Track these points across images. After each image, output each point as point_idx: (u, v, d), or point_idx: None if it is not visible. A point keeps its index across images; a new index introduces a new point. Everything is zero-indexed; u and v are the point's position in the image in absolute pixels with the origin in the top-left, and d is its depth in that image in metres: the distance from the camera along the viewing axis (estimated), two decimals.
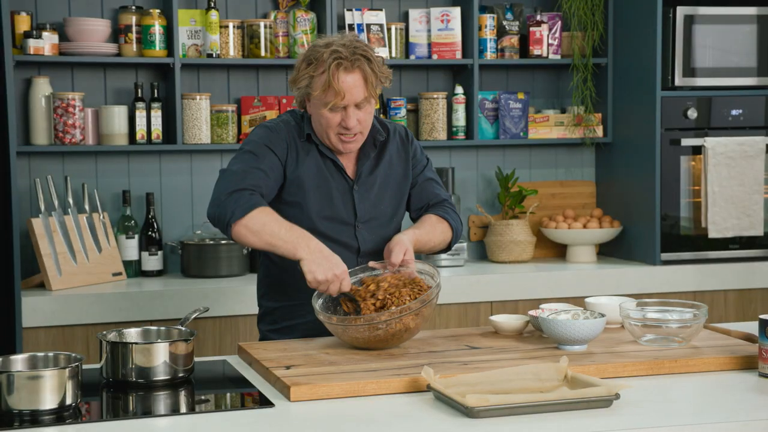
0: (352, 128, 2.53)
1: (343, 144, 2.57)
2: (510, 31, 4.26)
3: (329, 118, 2.53)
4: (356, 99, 2.50)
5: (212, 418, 1.96)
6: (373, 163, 2.67)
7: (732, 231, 4.11)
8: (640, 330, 2.39)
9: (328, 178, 2.62)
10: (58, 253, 3.68)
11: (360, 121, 2.54)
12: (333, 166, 2.63)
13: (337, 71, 2.46)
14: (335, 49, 2.48)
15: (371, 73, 2.50)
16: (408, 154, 2.73)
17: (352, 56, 2.48)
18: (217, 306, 3.60)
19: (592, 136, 4.35)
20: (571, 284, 3.98)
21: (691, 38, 4.08)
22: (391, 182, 2.69)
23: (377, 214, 2.66)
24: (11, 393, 1.91)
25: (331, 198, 2.61)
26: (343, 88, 2.47)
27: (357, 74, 2.49)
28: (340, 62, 2.46)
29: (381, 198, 2.67)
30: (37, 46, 3.74)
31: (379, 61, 2.54)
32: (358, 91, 2.50)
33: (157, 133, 3.92)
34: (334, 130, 2.54)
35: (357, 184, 2.64)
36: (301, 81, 2.53)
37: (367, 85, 2.50)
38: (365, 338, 2.33)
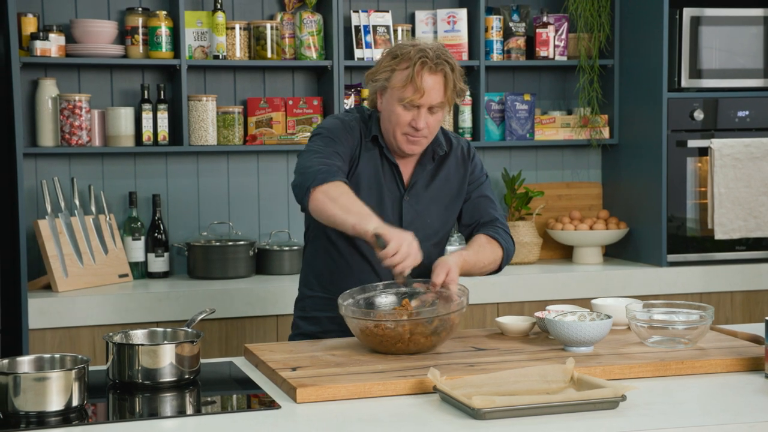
0: (421, 130, 2.53)
1: (408, 145, 2.57)
2: (516, 33, 4.26)
3: (400, 115, 2.53)
4: (433, 101, 2.51)
5: (218, 420, 1.96)
6: (429, 175, 2.67)
7: (738, 232, 4.10)
8: (646, 331, 2.39)
9: (382, 183, 2.62)
10: (64, 255, 3.69)
11: (429, 125, 2.55)
12: (391, 170, 2.63)
13: (421, 69, 2.49)
14: (422, 48, 2.52)
15: (452, 81, 2.52)
16: (467, 170, 2.72)
17: (437, 59, 2.50)
18: (224, 307, 3.60)
19: (599, 137, 4.34)
20: (578, 286, 3.98)
21: (697, 40, 4.08)
22: (443, 197, 2.69)
23: (421, 226, 2.63)
24: (18, 394, 1.91)
25: (381, 203, 2.61)
26: (424, 86, 2.49)
27: (439, 77, 2.51)
28: (425, 61, 2.49)
29: (428, 211, 2.66)
30: (44, 47, 3.75)
31: (460, 73, 2.56)
32: (436, 94, 2.51)
33: (164, 135, 3.92)
34: (402, 128, 2.55)
35: (408, 194, 2.64)
36: (381, 73, 2.54)
37: (446, 90, 2.52)
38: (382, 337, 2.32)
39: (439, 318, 2.31)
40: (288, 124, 4.09)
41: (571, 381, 2.07)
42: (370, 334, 2.33)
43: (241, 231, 4.12)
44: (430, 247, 2.64)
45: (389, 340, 2.31)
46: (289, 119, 4.08)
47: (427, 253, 2.57)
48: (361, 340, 2.38)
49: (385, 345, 2.32)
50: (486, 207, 2.73)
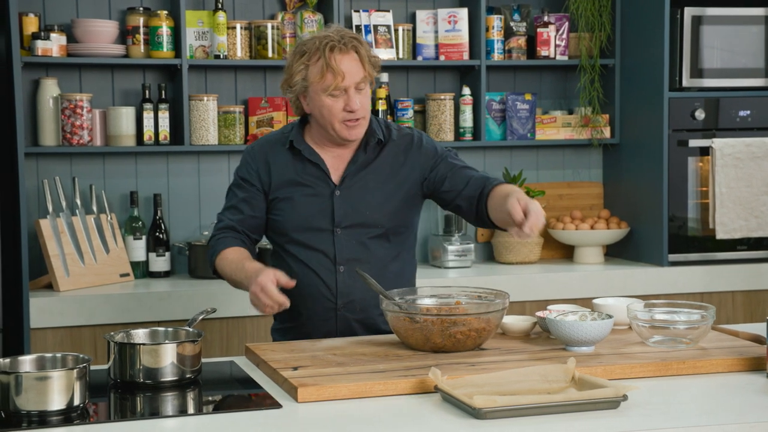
0: (357, 110, 2.52)
1: (349, 131, 2.55)
2: (517, 32, 4.26)
3: (331, 105, 2.52)
4: (356, 79, 2.51)
5: (219, 419, 1.96)
6: (362, 165, 2.62)
7: (740, 232, 4.10)
8: (647, 331, 2.39)
9: (306, 186, 2.61)
10: (65, 254, 3.69)
11: (362, 104, 2.54)
12: (316, 170, 2.61)
13: (332, 53, 2.49)
14: (325, 35, 2.53)
15: (365, 55, 2.53)
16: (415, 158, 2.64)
17: (342, 39, 2.51)
18: (225, 307, 3.60)
19: (600, 137, 4.34)
20: (579, 285, 3.98)
21: (698, 39, 4.08)
22: (380, 185, 2.62)
23: (358, 219, 2.60)
24: (19, 394, 1.91)
25: (306, 206, 2.60)
26: (341, 68, 2.49)
27: (352, 54, 2.52)
28: (332, 45, 2.50)
29: (365, 202, 2.60)
30: (45, 47, 3.75)
31: (368, 47, 2.57)
32: (356, 71, 2.51)
33: (165, 134, 3.92)
34: (338, 117, 2.53)
35: (339, 189, 2.61)
36: (295, 75, 2.54)
37: (363, 65, 2.52)
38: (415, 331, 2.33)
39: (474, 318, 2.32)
40: (289, 123, 4.08)
41: (573, 381, 2.07)
42: (402, 327, 2.34)
43: None
44: (371, 240, 2.60)
45: (419, 336, 2.32)
46: (290, 119, 4.08)
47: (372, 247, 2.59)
48: (399, 336, 2.39)
49: (417, 339, 2.33)
50: (465, 171, 2.62)
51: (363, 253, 2.60)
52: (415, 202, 2.68)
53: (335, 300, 2.62)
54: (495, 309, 2.36)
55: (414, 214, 2.70)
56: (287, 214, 2.62)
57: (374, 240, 2.61)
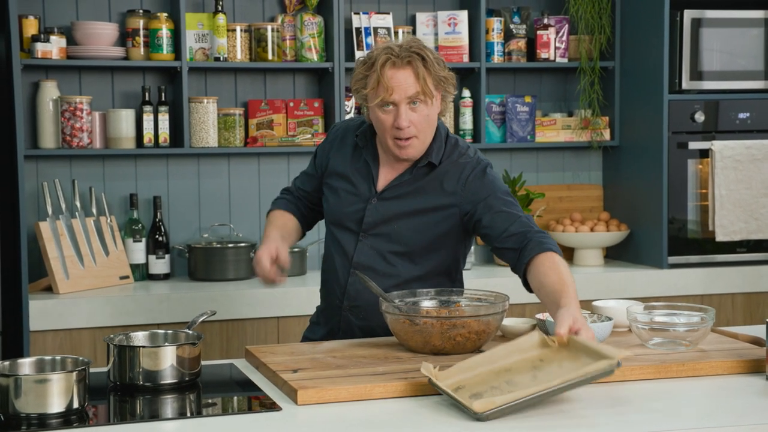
0: (404, 128, 2.46)
1: (399, 150, 2.50)
2: (517, 35, 4.26)
3: (383, 119, 2.48)
4: (406, 94, 2.44)
5: (219, 422, 1.96)
6: (405, 182, 2.57)
7: (739, 234, 4.10)
8: (647, 333, 2.39)
9: (354, 183, 2.62)
10: (65, 257, 3.69)
11: (413, 122, 2.46)
12: (368, 172, 2.61)
13: (385, 66, 2.43)
14: (388, 46, 2.47)
15: (424, 71, 2.44)
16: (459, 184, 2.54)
17: (403, 53, 2.44)
18: (224, 309, 3.60)
19: (600, 139, 4.34)
20: (579, 287, 3.89)
21: (698, 42, 4.08)
22: (413, 208, 2.56)
23: (385, 231, 2.57)
24: (18, 396, 1.91)
25: (344, 203, 2.62)
26: (390, 83, 2.43)
27: (407, 70, 2.44)
28: (389, 57, 2.44)
29: (396, 218, 2.56)
30: (45, 49, 3.75)
31: (437, 61, 2.48)
32: (407, 86, 2.44)
33: (165, 137, 3.92)
34: (389, 132, 2.48)
35: (378, 198, 2.58)
36: (357, 83, 2.51)
37: (419, 80, 2.44)
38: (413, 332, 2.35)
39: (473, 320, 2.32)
40: (289, 125, 4.09)
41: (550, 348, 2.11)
42: (401, 330, 2.35)
43: (241, 233, 4.12)
44: (393, 255, 2.57)
45: (419, 338, 2.32)
46: (289, 121, 4.09)
47: (393, 262, 2.56)
48: (398, 338, 2.40)
49: (416, 342, 2.33)
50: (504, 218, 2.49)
51: (381, 265, 2.57)
52: (453, 232, 2.57)
53: (342, 300, 2.63)
54: (495, 311, 2.36)
55: (451, 242, 2.59)
56: (329, 204, 2.67)
57: (397, 256, 2.58)
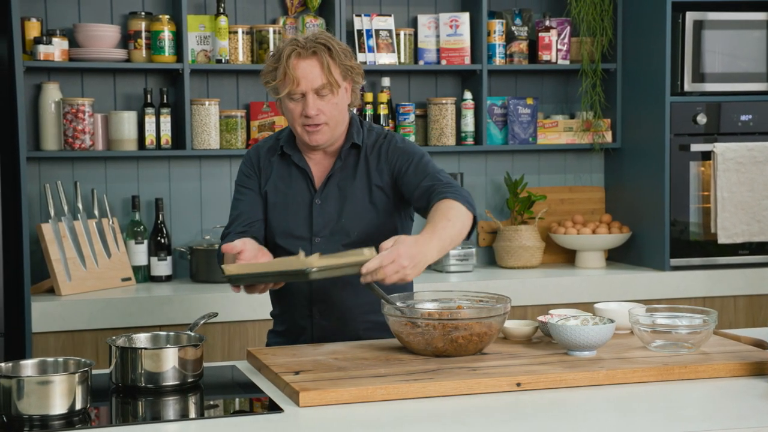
0: (313, 117, 2.49)
1: (309, 135, 2.53)
2: (519, 37, 4.26)
3: (292, 109, 2.52)
4: (312, 85, 2.48)
5: (221, 424, 1.96)
6: (340, 172, 2.61)
7: (741, 237, 4.10)
8: (649, 336, 2.39)
9: (291, 192, 2.62)
10: (67, 259, 3.69)
11: (322, 110, 2.50)
12: (302, 176, 2.62)
13: (290, 58, 2.47)
14: (294, 38, 2.52)
15: (330, 61, 2.48)
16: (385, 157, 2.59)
17: (308, 44, 2.48)
18: (226, 311, 3.60)
19: (601, 141, 4.34)
20: (580, 290, 3.98)
21: (700, 44, 4.08)
22: (359, 194, 2.58)
23: (338, 230, 2.58)
24: (21, 398, 1.92)
25: (288, 213, 2.61)
26: (296, 73, 2.46)
27: (313, 60, 2.48)
28: (295, 49, 2.48)
29: (344, 212, 2.58)
30: (47, 52, 3.76)
31: (343, 52, 2.51)
32: (313, 77, 2.47)
33: (167, 139, 3.93)
34: (298, 121, 2.52)
35: (319, 197, 2.60)
36: (267, 75, 2.54)
37: (323, 70, 2.47)
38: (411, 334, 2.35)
39: (475, 322, 2.32)
40: None
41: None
42: (403, 332, 2.35)
43: None
44: (350, 249, 2.49)
45: (421, 340, 2.32)
46: None
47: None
48: (400, 340, 2.39)
49: (418, 344, 2.33)
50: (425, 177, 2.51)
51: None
52: (397, 207, 2.61)
53: (310, 309, 2.62)
54: (496, 313, 2.36)
55: (398, 218, 2.63)
56: (273, 221, 2.64)
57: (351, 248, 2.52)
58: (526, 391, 2.13)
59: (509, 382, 2.14)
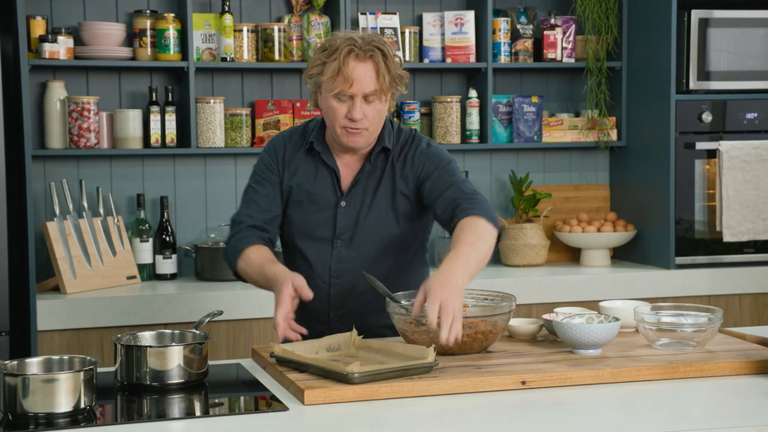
0: (358, 121, 2.44)
1: (348, 137, 2.47)
2: (524, 35, 4.26)
3: (336, 108, 2.45)
4: (365, 89, 2.42)
5: (226, 422, 1.96)
6: (369, 175, 2.56)
7: (747, 235, 4.09)
8: (654, 334, 2.38)
9: (315, 191, 2.56)
10: (72, 257, 3.69)
11: (367, 116, 2.44)
12: (329, 176, 2.56)
13: (348, 57, 2.40)
14: (350, 37, 2.44)
15: (384, 67, 2.42)
16: (412, 164, 2.55)
17: (366, 46, 2.42)
18: (231, 309, 3.61)
19: (606, 139, 4.34)
20: (585, 288, 3.97)
21: (705, 42, 4.07)
22: (387, 198, 2.54)
23: (364, 232, 2.54)
24: (26, 396, 1.92)
25: (312, 212, 2.56)
26: (352, 75, 2.40)
27: (369, 64, 2.42)
28: (353, 49, 2.41)
29: (371, 215, 2.55)
30: (53, 50, 3.76)
31: (395, 60, 2.47)
32: (367, 81, 2.42)
33: (172, 137, 3.93)
34: (340, 122, 2.45)
35: (345, 200, 2.55)
36: (313, 68, 2.47)
37: (378, 77, 2.42)
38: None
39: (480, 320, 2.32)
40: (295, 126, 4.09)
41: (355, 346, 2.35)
42: (408, 330, 2.35)
43: None
44: (372, 254, 2.53)
45: (426, 338, 2.32)
46: (296, 121, 4.09)
47: (373, 261, 2.52)
48: (405, 338, 2.39)
49: (423, 342, 2.33)
50: (447, 186, 2.49)
51: (363, 267, 2.51)
52: (419, 214, 2.58)
53: (328, 313, 2.58)
54: (501, 312, 2.36)
55: (420, 224, 2.61)
56: (293, 218, 2.58)
57: (376, 254, 2.55)
58: (531, 389, 2.13)
59: (514, 381, 2.14)
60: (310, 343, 2.34)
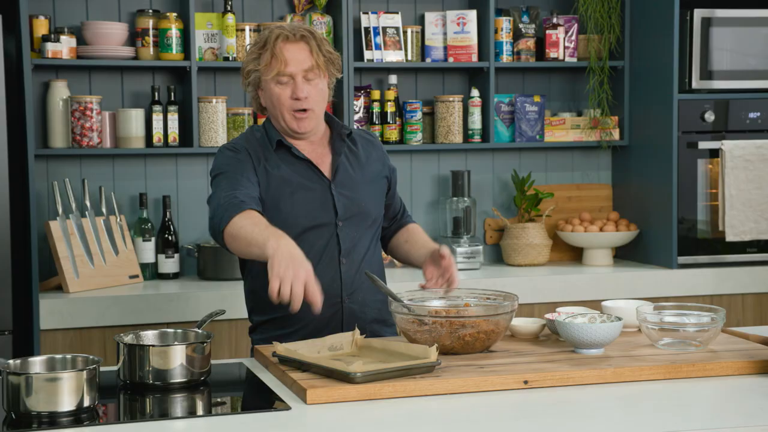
0: (303, 99, 2.53)
1: (297, 121, 2.56)
2: (526, 34, 4.26)
3: (279, 93, 2.54)
4: (302, 66, 2.52)
5: (229, 421, 1.96)
6: (347, 158, 2.66)
7: (749, 234, 4.09)
8: (657, 334, 2.38)
9: (301, 182, 2.59)
10: (75, 256, 3.70)
11: (310, 95, 2.54)
12: (306, 167, 2.61)
13: (279, 41, 2.53)
14: (279, 25, 2.58)
15: (316, 46, 2.55)
16: (381, 153, 2.75)
17: (295, 30, 2.55)
18: (234, 308, 3.60)
19: (609, 139, 4.34)
20: (588, 287, 3.97)
21: (708, 41, 4.07)
22: (369, 176, 2.68)
23: (358, 211, 2.63)
24: (29, 395, 1.92)
25: (309, 202, 2.58)
26: (286, 55, 2.52)
27: (301, 44, 2.54)
28: (283, 34, 2.54)
29: (361, 194, 2.64)
30: (55, 49, 3.76)
31: (325, 42, 2.58)
32: (302, 58, 2.53)
33: (174, 136, 3.93)
34: (286, 105, 2.55)
35: (334, 182, 2.62)
36: (249, 64, 2.57)
37: (312, 54, 2.53)
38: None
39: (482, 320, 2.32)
40: None
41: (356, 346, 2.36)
42: (411, 330, 2.36)
43: None
44: (365, 231, 2.65)
45: (428, 338, 2.33)
46: None
47: (364, 237, 2.64)
48: (407, 338, 2.40)
49: (425, 341, 2.33)
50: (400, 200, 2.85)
51: (359, 244, 2.63)
52: (385, 193, 2.77)
53: (341, 293, 2.60)
54: (504, 311, 2.36)
55: (384, 203, 2.78)
56: (289, 212, 2.57)
57: (366, 230, 2.66)
58: (533, 388, 2.13)
59: (516, 380, 2.14)
60: (313, 342, 2.35)
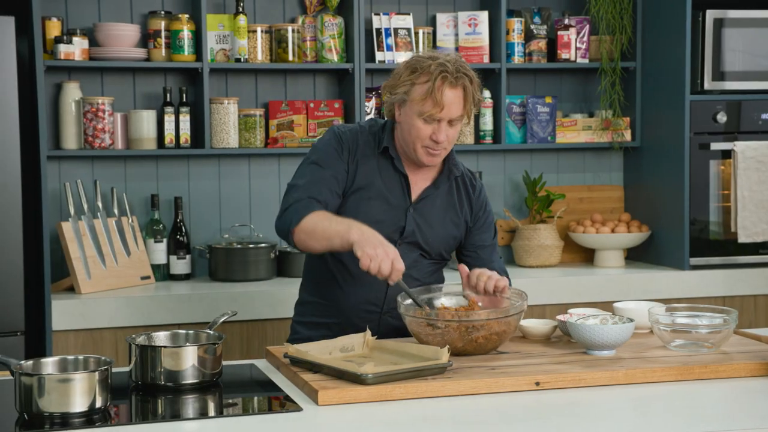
0: (441, 143, 2.54)
1: (428, 157, 2.58)
2: (538, 35, 4.25)
3: (421, 129, 2.54)
4: (453, 115, 2.52)
5: (240, 422, 1.97)
6: (438, 194, 2.67)
7: (762, 236, 4.07)
8: (669, 335, 2.38)
9: (387, 193, 2.62)
10: (87, 257, 3.71)
11: (449, 137, 2.56)
12: (400, 181, 2.63)
13: (442, 84, 2.49)
14: (442, 62, 2.52)
15: (471, 96, 2.54)
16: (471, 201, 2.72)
17: (457, 72, 2.51)
18: (245, 310, 3.61)
19: (621, 140, 4.33)
20: (600, 289, 3.96)
21: (720, 42, 4.06)
22: (447, 219, 2.68)
23: (423, 240, 2.64)
24: (42, 396, 1.93)
25: (382, 213, 2.60)
26: (444, 101, 2.50)
27: (459, 91, 2.52)
28: (446, 75, 2.49)
29: (429, 228, 2.65)
30: (68, 51, 3.78)
31: (478, 85, 2.57)
32: (456, 108, 2.52)
33: (186, 138, 3.94)
34: (422, 141, 2.55)
35: (414, 207, 2.63)
36: (400, 87, 2.55)
37: (466, 104, 2.53)
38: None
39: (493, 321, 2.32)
40: (309, 126, 4.09)
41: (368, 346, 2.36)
42: (422, 332, 2.36)
43: (262, 233, 4.13)
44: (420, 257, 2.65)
45: (440, 340, 2.33)
46: (310, 122, 4.09)
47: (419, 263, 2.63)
48: (419, 340, 2.40)
49: (437, 344, 2.33)
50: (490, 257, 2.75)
51: (413, 269, 2.62)
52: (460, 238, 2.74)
53: (381, 306, 2.63)
54: (514, 311, 2.36)
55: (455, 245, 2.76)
56: (362, 215, 2.57)
57: (424, 260, 2.66)
58: (544, 390, 2.13)
59: (528, 382, 2.14)
60: (324, 343, 2.35)
